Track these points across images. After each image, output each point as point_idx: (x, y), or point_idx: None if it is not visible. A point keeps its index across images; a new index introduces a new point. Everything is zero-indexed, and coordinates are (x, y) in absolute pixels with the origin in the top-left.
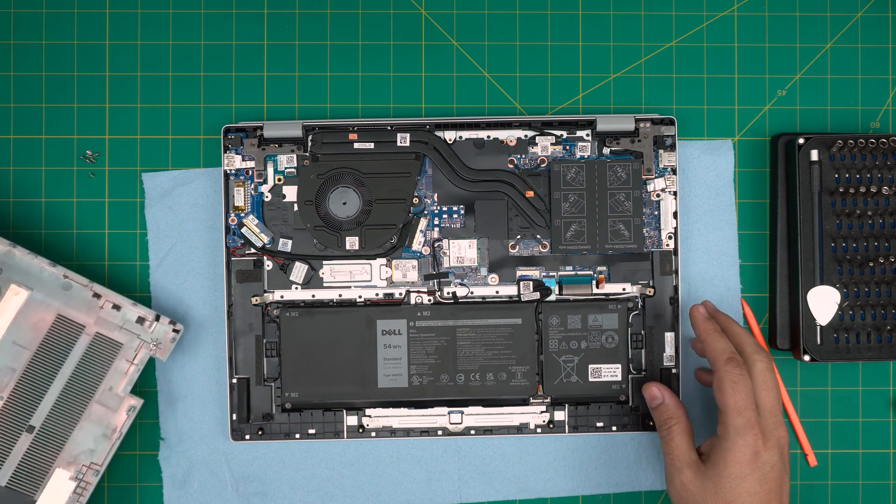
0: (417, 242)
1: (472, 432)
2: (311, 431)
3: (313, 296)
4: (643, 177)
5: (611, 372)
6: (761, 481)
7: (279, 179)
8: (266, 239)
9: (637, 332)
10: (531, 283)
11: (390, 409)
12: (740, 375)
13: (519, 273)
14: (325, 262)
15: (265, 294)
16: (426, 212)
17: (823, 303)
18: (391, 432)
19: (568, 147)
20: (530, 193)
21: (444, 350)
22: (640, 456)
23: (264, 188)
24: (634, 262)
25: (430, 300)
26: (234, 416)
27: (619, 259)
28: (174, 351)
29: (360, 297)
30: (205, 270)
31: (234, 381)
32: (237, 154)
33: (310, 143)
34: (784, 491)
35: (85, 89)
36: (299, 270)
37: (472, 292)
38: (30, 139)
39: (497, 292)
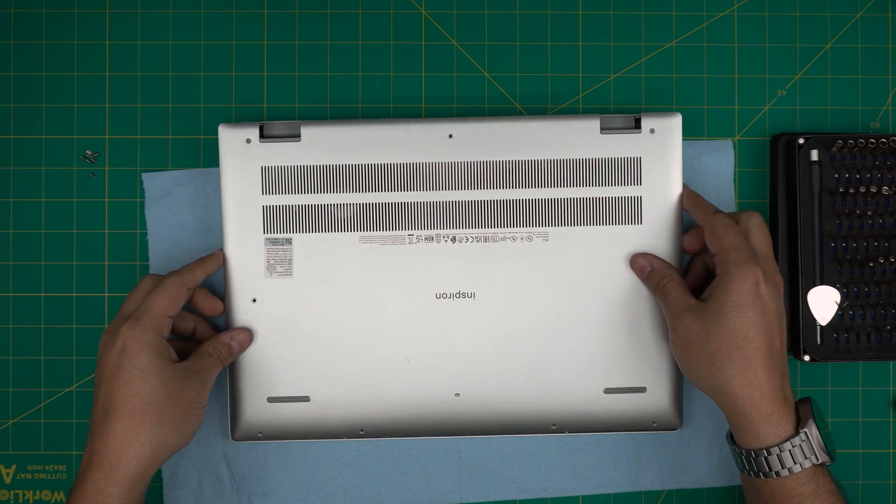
0: None
1: (472, 433)
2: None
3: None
4: None
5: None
6: (763, 312)
7: None
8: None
9: None
10: None
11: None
12: (730, 221)
13: None
14: None
15: None
16: None
17: (823, 303)
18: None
19: None
20: None
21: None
22: (640, 456)
23: None
24: None
25: None
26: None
27: None
28: None
29: None
30: None
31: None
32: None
33: None
34: (782, 333)
35: (85, 89)
36: None
37: None
38: (30, 139)
39: None
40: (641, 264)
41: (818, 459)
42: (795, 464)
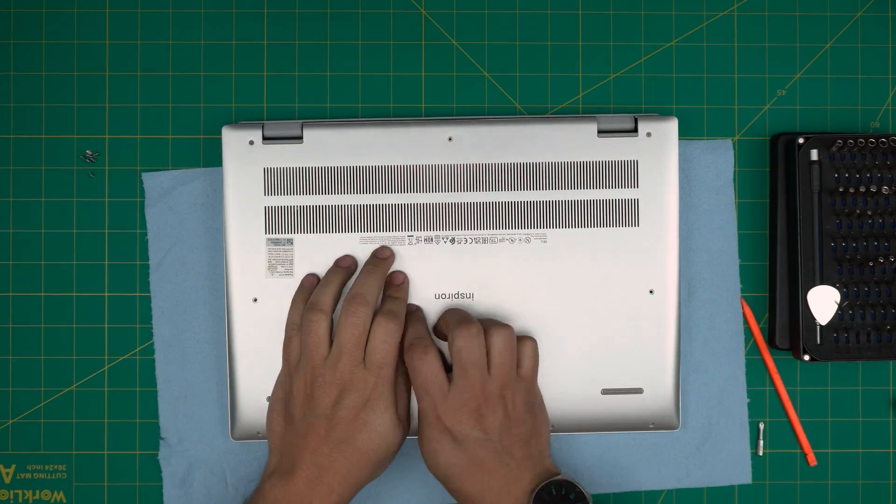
0: None
1: None
2: None
3: None
4: None
5: None
6: (454, 453)
7: None
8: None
9: None
10: None
11: None
12: (419, 360)
13: None
14: None
15: None
16: None
17: (823, 302)
18: None
19: None
20: None
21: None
22: (640, 456)
23: None
24: None
25: None
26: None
27: None
28: (174, 351)
29: None
30: (205, 270)
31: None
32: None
33: None
34: (486, 463)
35: (85, 89)
36: None
37: None
38: (30, 139)
39: None
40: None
41: None
42: None
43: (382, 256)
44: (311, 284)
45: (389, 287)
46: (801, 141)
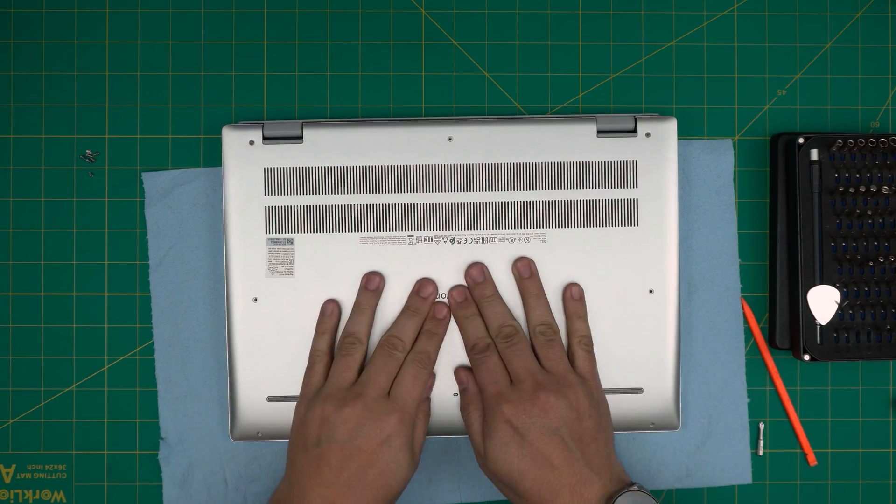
0: None
1: None
2: None
3: None
4: None
5: None
6: (522, 445)
7: None
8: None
9: None
10: None
11: None
12: (484, 356)
13: None
14: None
15: None
16: None
17: (823, 302)
18: None
19: None
20: None
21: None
22: (640, 456)
23: None
24: None
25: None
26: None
27: None
28: (174, 351)
29: None
30: (205, 270)
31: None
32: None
33: None
34: (563, 443)
35: (85, 89)
36: None
37: None
38: (30, 139)
39: None
40: (460, 378)
41: None
42: None
43: (424, 295)
44: (333, 312)
45: (430, 320)
46: (801, 141)
